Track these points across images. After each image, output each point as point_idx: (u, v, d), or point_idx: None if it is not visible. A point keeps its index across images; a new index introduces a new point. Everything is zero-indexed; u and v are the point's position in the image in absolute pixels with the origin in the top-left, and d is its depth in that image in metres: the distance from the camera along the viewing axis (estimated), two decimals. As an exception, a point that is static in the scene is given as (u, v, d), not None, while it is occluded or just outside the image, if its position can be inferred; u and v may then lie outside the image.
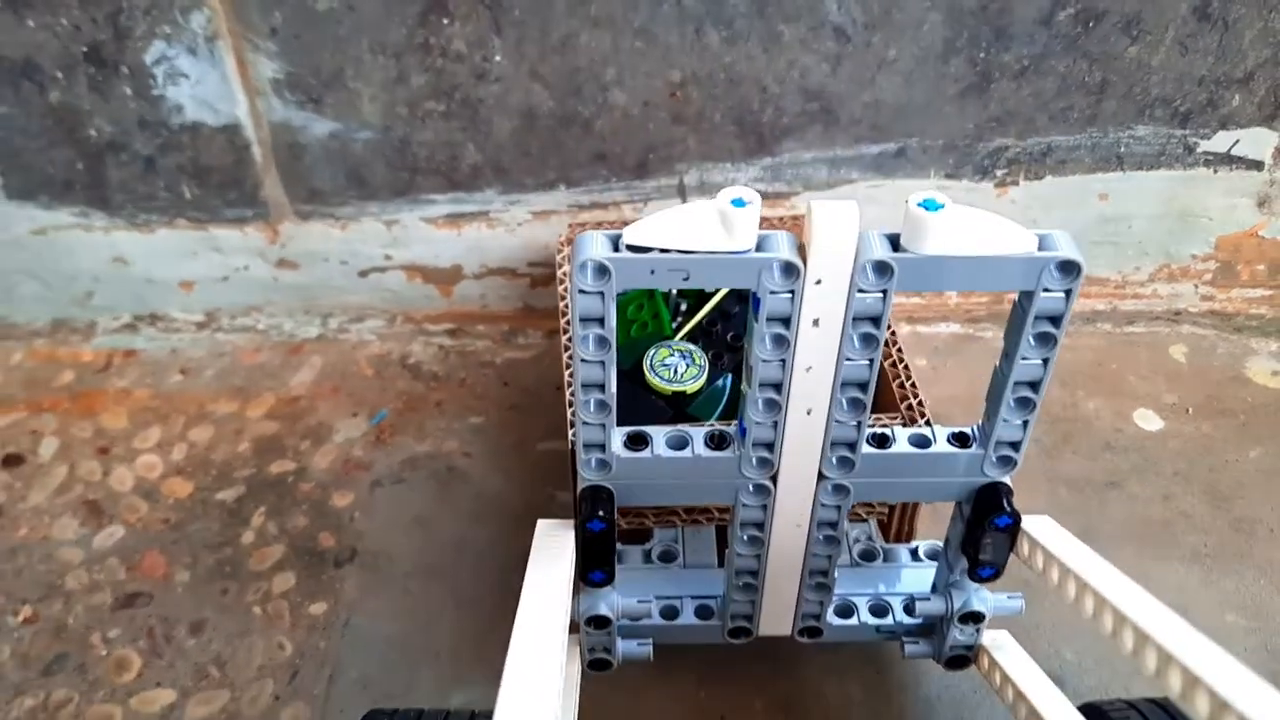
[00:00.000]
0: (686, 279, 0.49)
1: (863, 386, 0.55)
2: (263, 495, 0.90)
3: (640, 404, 0.78)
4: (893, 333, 0.82)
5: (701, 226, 0.48)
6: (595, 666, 0.69)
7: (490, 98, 0.91)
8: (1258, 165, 0.97)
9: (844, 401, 0.56)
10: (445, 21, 0.86)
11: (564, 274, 0.86)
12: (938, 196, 0.49)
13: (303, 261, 1.02)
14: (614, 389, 0.55)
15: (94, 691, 0.76)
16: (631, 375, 0.80)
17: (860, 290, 0.50)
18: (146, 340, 1.05)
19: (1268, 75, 0.92)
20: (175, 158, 0.94)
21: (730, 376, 0.82)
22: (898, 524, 0.79)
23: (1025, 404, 0.56)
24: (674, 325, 0.85)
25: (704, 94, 0.91)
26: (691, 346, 0.81)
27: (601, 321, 0.51)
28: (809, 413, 0.56)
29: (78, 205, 0.96)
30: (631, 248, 0.49)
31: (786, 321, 0.52)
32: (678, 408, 0.79)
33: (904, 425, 0.73)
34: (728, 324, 0.85)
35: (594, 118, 0.92)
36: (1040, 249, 0.50)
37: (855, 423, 0.57)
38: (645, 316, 0.86)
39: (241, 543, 0.86)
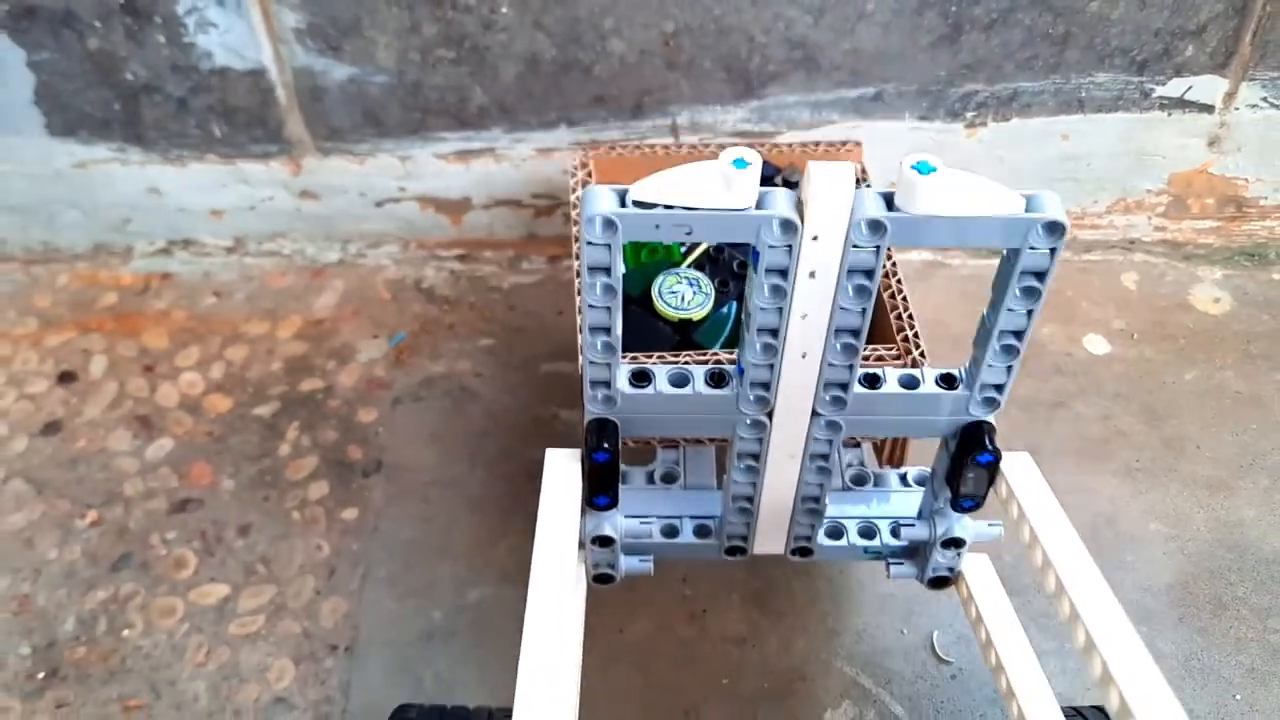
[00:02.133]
0: (689, 233, 0.53)
1: (855, 333, 0.59)
2: (295, 411, 1.00)
3: (648, 329, 0.84)
4: (893, 263, 0.86)
5: (705, 185, 0.52)
6: (600, 580, 0.75)
7: (496, 45, 0.98)
8: (1209, 109, 1.05)
9: (837, 346, 0.60)
10: (455, -23, 0.93)
11: (577, 199, 0.93)
12: (931, 159, 0.52)
13: (323, 193, 1.10)
14: (619, 331, 0.59)
15: (156, 586, 0.87)
16: (641, 301, 0.85)
17: (855, 245, 0.54)
18: (180, 264, 1.13)
19: (1219, 27, 0.99)
20: (205, 99, 1.01)
21: (735, 304, 0.87)
22: (889, 449, 0.87)
23: (1010, 350, 0.61)
24: (683, 251, 0.90)
25: (695, 43, 0.98)
26: (699, 275, 0.86)
27: (608, 271, 0.55)
28: (804, 356, 0.60)
29: (115, 141, 1.04)
30: (638, 204, 0.52)
31: (784, 273, 0.55)
32: (684, 334, 0.85)
33: (898, 357, 0.80)
34: (735, 249, 0.90)
35: (593, 64, 0.99)
36: (1028, 210, 0.53)
37: (848, 365, 0.61)
38: (655, 243, 0.90)
39: (279, 454, 0.97)
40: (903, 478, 0.79)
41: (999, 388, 0.63)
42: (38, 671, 0.82)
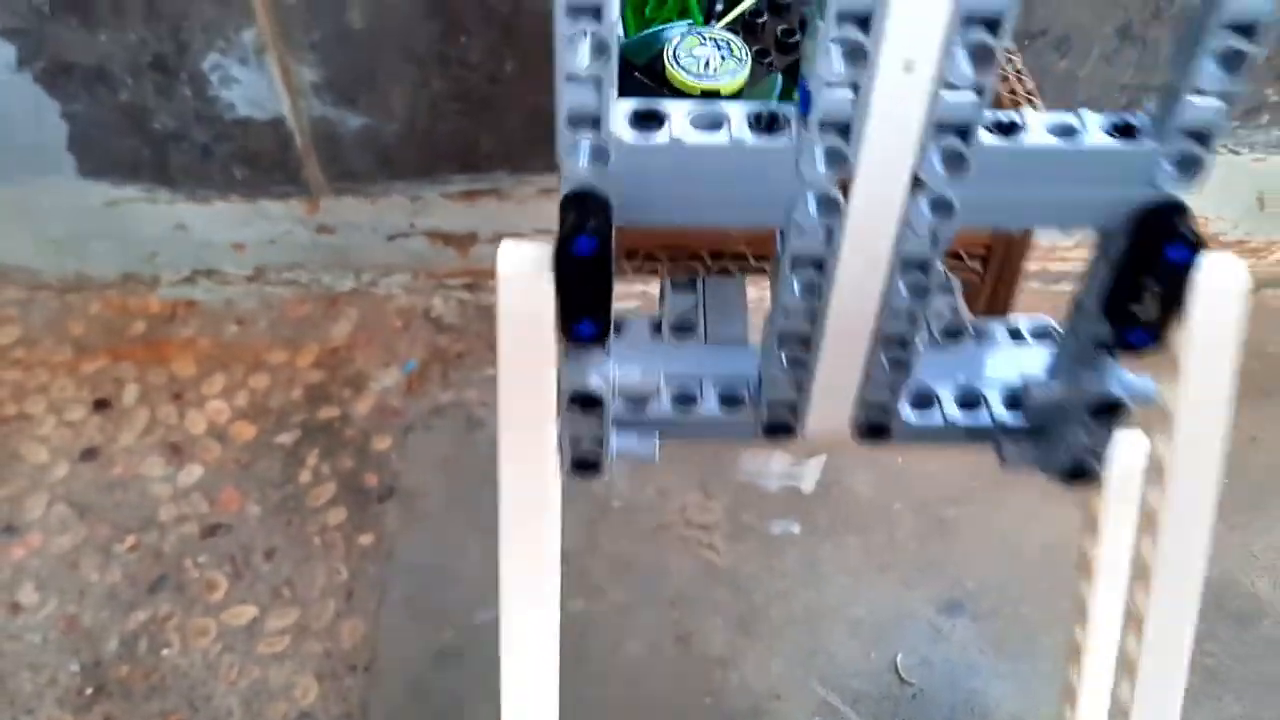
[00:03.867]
0: None
1: (993, 26, 0.38)
2: (315, 438, 1.08)
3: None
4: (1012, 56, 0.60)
5: None
6: (580, 468, 0.53)
7: (501, 98, 1.04)
8: (1172, 155, 1.12)
9: (962, 52, 0.38)
10: (463, 39, 0.99)
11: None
12: None
13: (338, 228, 1.17)
14: (616, 23, 0.39)
15: (191, 607, 0.96)
16: (649, 70, 0.61)
17: None
18: (204, 292, 1.21)
19: (1181, 83, 1.05)
20: (228, 146, 1.08)
21: (780, 78, 0.63)
22: (991, 290, 0.63)
23: (1233, 59, 0.37)
24: (705, 8, 0.67)
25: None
26: (730, 35, 0.62)
27: (598, 12, 0.38)
28: (908, 68, 0.38)
29: (144, 183, 1.11)
30: None
31: None
32: None
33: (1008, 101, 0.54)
34: (778, 18, 0.66)
35: (592, 114, 1.06)
36: None
37: (977, 87, 0.39)
38: (670, 12, 0.67)
39: (300, 481, 1.05)
40: (1013, 332, 0.58)
41: (1205, 138, 0.41)
42: (86, 687, 0.90)
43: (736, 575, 0.97)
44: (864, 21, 0.37)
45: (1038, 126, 0.43)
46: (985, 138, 0.42)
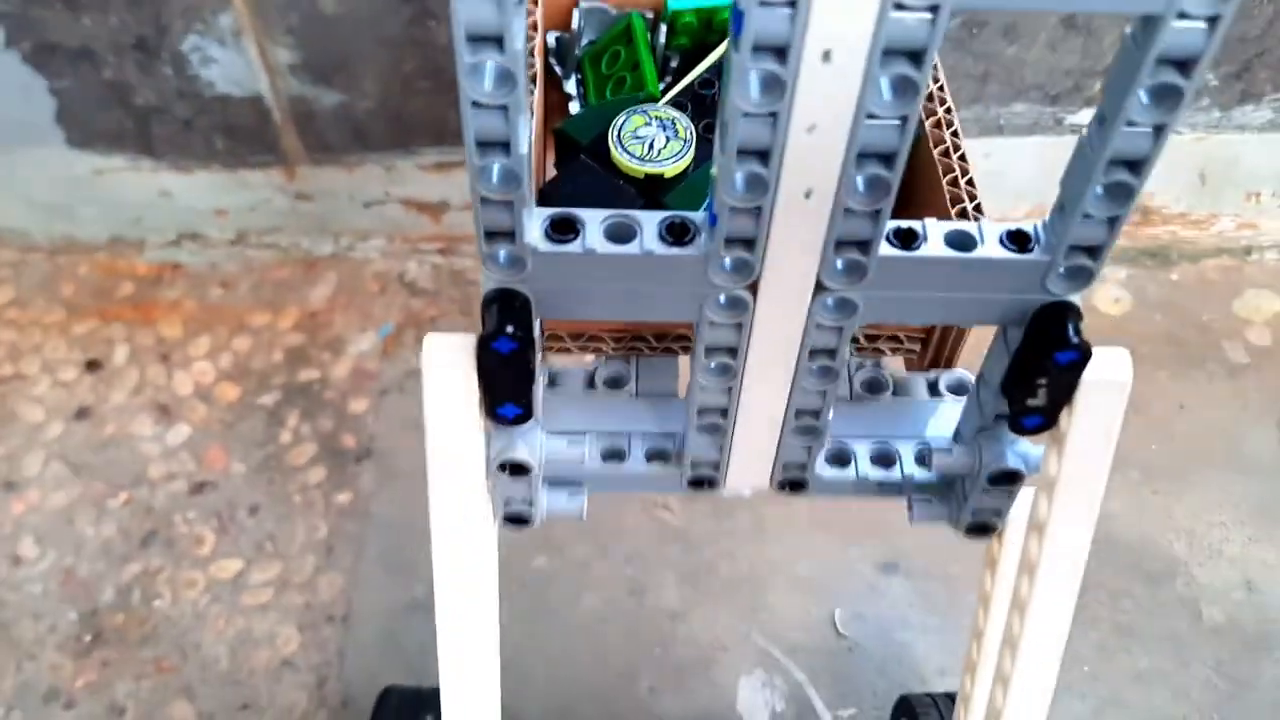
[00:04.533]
0: None
1: (888, 160, 0.39)
2: (295, 400, 1.14)
3: (602, 188, 0.62)
4: (940, 86, 0.63)
5: None
6: (512, 522, 0.57)
7: (471, 77, 1.08)
8: (1115, 135, 1.16)
9: (860, 180, 0.40)
10: (432, 23, 1.03)
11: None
12: None
13: (316, 195, 1.22)
14: (526, 149, 0.39)
15: (180, 561, 1.03)
16: (594, 150, 0.63)
17: (898, 5, 0.34)
18: (189, 255, 1.26)
19: (1123, 68, 1.10)
20: (209, 119, 1.12)
21: None
22: (936, 344, 0.62)
23: (1120, 192, 0.41)
24: (661, 86, 0.67)
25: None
26: (675, 114, 0.62)
27: (501, 42, 0.35)
28: (808, 195, 0.41)
29: (128, 153, 1.16)
30: None
31: (783, 53, 0.35)
32: (651, 195, 0.61)
33: (942, 217, 0.57)
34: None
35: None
36: None
37: (874, 211, 0.41)
38: (623, 69, 0.68)
39: (281, 441, 1.11)
40: (932, 385, 0.61)
41: (1094, 252, 0.44)
42: (84, 635, 0.98)
43: (688, 534, 1.04)
44: (764, 155, 0.39)
45: (936, 237, 0.45)
46: (885, 249, 0.44)
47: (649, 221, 0.44)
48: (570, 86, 0.69)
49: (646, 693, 0.95)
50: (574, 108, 0.68)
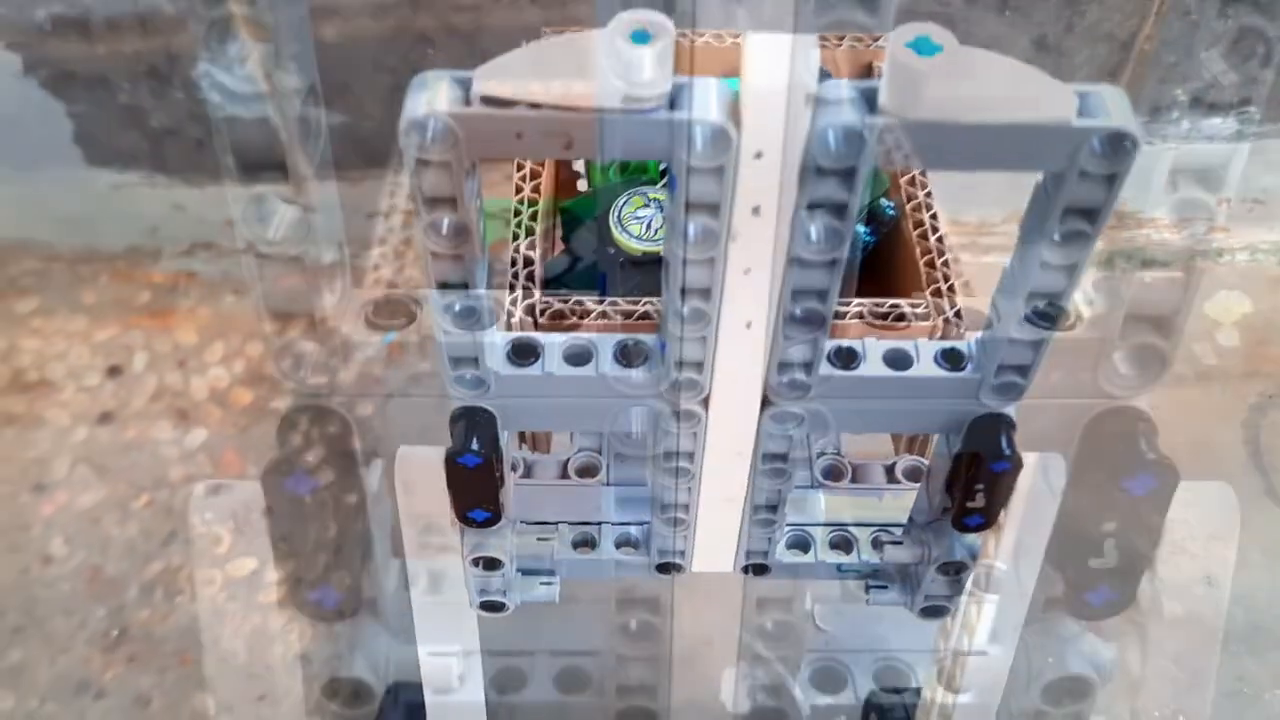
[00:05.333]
0: (569, 147, 0.37)
1: (821, 295, 0.42)
2: (305, 404, 1.20)
3: (607, 266, 0.67)
4: (921, 175, 0.66)
5: (588, 71, 0.35)
6: (488, 609, 0.62)
7: (467, 98, 1.14)
8: (1088, 146, 1.21)
9: (796, 313, 0.43)
10: (430, 51, 1.08)
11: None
12: (934, 34, 0.35)
13: (322, 207, 1.27)
14: (484, 287, 0.44)
15: (199, 559, 1.10)
16: (595, 228, 0.68)
17: (819, 169, 0.37)
18: (202, 264, 1.32)
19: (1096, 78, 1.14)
20: (219, 140, 1.18)
21: None
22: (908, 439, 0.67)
23: (1042, 319, 0.45)
24: (661, 168, 0.69)
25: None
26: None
27: (454, 203, 0.39)
28: (748, 326, 0.44)
29: (144, 171, 1.22)
30: (489, 100, 0.36)
31: (715, 209, 0.38)
32: (649, 273, 0.65)
33: (924, 318, 0.64)
34: None
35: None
36: (1081, 114, 0.37)
37: (811, 339, 0.44)
38: (633, 169, 0.72)
39: (292, 444, 1.17)
40: (889, 471, 0.65)
41: (1022, 370, 0.47)
42: (112, 630, 1.05)
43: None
44: (705, 292, 0.42)
45: (875, 357, 0.48)
46: (825, 369, 0.47)
47: (604, 345, 0.48)
48: (579, 165, 0.74)
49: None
50: (582, 185, 0.74)
